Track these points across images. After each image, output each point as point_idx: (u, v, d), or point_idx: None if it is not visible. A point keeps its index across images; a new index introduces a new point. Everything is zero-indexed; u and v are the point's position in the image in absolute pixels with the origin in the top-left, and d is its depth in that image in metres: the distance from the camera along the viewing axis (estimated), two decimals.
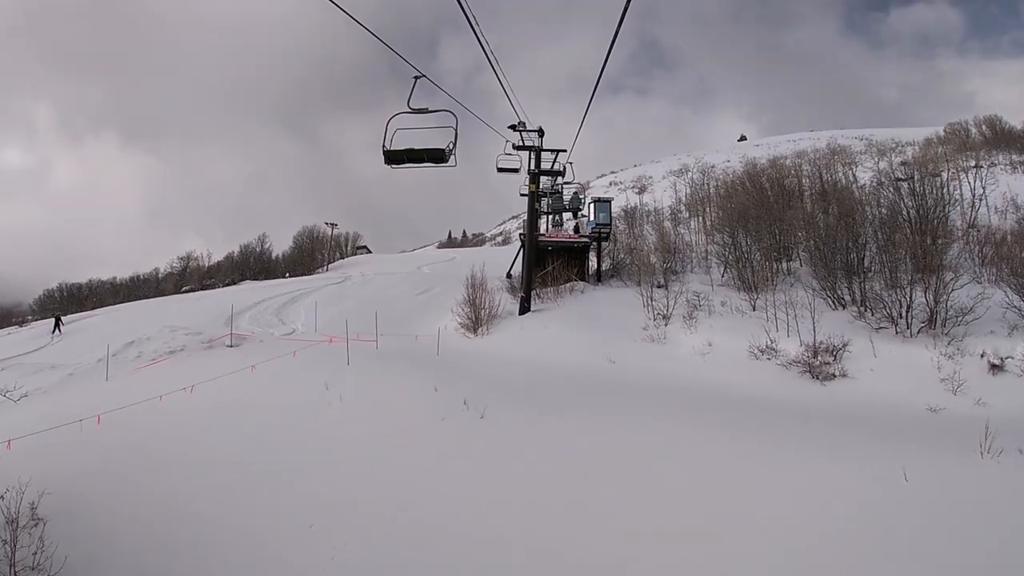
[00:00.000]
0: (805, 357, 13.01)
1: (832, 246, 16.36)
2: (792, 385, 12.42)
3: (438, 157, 7.98)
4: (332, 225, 56.76)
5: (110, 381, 14.74)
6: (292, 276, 45.13)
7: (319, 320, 21.80)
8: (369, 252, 64.02)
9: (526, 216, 21.53)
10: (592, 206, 23.24)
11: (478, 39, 6.38)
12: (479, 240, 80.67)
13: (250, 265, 50.49)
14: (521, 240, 22.72)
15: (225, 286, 44.24)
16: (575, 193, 27.14)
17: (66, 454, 9.14)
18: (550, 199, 25.70)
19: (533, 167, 20.23)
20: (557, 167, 21.73)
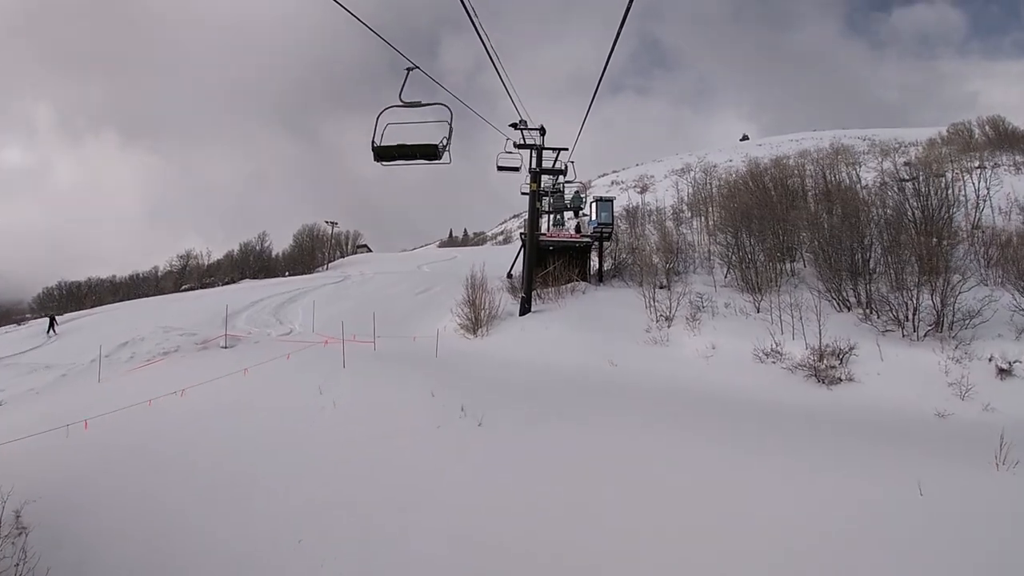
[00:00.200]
0: (811, 361, 12.78)
1: (837, 247, 16.13)
2: (798, 389, 12.19)
3: (431, 153, 7.37)
4: (332, 224, 56.54)
5: (102, 383, 14.56)
6: (292, 275, 44.89)
7: (317, 320, 21.58)
8: (369, 251, 63.76)
9: (527, 215, 21.29)
10: (594, 205, 23.04)
11: (478, 33, 6.14)
12: (480, 239, 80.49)
13: (250, 264, 50.24)
14: (522, 239, 22.43)
15: (224, 284, 44.03)
16: (576, 192, 26.95)
17: (53, 458, 8.96)
18: (551, 198, 25.53)
19: (534, 166, 20.00)
20: (558, 166, 21.47)
